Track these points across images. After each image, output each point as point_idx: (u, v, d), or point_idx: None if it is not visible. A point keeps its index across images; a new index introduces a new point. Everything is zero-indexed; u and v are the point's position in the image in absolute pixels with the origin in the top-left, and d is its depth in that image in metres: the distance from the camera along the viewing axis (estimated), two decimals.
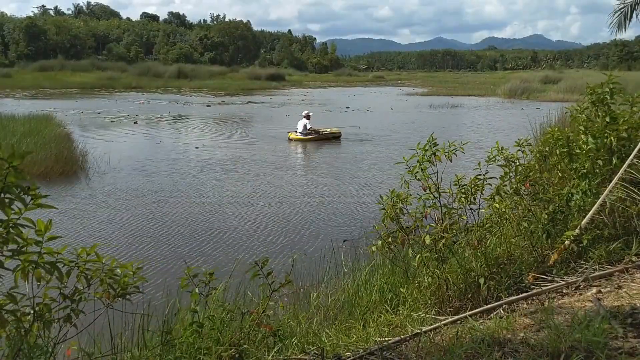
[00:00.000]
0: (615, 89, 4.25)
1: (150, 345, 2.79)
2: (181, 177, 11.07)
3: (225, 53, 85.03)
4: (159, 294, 4.81)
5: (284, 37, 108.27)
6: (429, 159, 3.73)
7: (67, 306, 2.32)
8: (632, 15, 7.91)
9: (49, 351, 2.32)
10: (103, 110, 25.52)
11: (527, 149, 4.38)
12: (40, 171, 10.14)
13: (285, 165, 12.86)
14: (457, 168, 4.12)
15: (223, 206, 8.82)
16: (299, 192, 9.85)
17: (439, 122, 21.72)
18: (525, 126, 12.90)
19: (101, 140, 16.13)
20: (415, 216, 3.82)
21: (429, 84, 58.56)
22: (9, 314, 2.08)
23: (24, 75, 49.51)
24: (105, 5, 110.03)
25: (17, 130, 12.64)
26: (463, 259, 3.55)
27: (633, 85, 20.34)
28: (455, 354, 2.36)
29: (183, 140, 16.69)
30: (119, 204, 8.83)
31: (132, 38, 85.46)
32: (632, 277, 3.30)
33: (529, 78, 44.96)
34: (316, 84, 62.02)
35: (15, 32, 71.81)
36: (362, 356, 2.62)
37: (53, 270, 2.04)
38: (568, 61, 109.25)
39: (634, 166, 3.99)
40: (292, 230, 7.51)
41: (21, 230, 1.92)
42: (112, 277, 2.39)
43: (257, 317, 2.85)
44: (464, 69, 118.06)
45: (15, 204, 1.88)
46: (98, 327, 2.94)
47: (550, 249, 3.84)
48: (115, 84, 45.15)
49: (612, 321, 2.53)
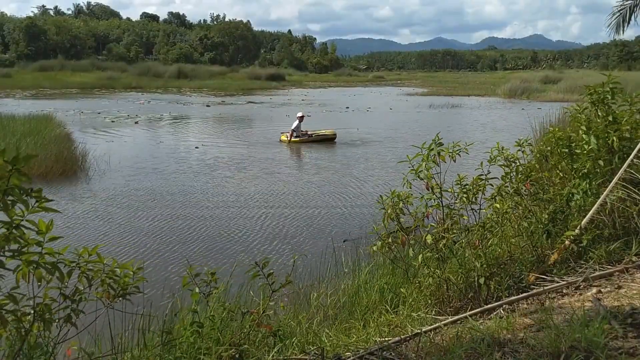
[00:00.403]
0: (615, 89, 4.25)
1: (150, 346, 2.80)
2: (181, 177, 11.06)
3: (225, 53, 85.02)
4: (159, 294, 4.81)
5: (284, 37, 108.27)
6: (434, 159, 3.73)
7: (67, 306, 2.33)
8: (630, 18, 7.87)
9: (49, 351, 2.33)
10: (103, 110, 25.52)
11: (528, 149, 4.38)
12: (40, 171, 10.14)
13: (285, 165, 12.86)
14: (458, 168, 4.11)
15: (223, 206, 8.81)
16: (298, 191, 9.85)
17: (439, 122, 21.72)
18: (526, 126, 12.91)
19: (101, 140, 16.13)
20: (416, 216, 3.82)
21: (429, 84, 58.56)
22: (10, 314, 2.08)
23: (24, 75, 49.51)
24: (105, 5, 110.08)
25: (17, 130, 12.63)
26: (463, 259, 3.55)
27: (633, 85, 20.33)
28: (455, 354, 2.36)
29: (183, 141, 16.69)
30: (119, 203, 8.82)
31: (132, 38, 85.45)
32: (632, 277, 3.30)
33: (529, 78, 44.95)
34: (316, 84, 62.01)
35: (15, 32, 71.80)
36: (362, 356, 2.62)
37: (54, 270, 2.05)
38: (568, 61, 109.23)
39: (634, 166, 3.99)
40: (292, 230, 7.51)
41: (23, 232, 1.92)
42: (113, 278, 2.39)
43: (257, 317, 2.85)
44: (464, 69, 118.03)
45: (18, 205, 1.88)
46: (98, 327, 2.94)
47: (551, 249, 3.84)
48: (115, 84, 45.14)
49: (612, 321, 2.53)
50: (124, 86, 44.82)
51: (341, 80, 71.65)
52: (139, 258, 6.03)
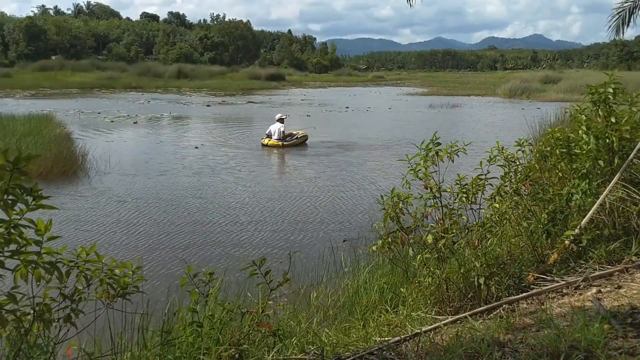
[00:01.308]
0: (618, 89, 4.24)
1: (150, 345, 2.79)
2: (181, 177, 11.06)
3: (225, 53, 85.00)
4: (159, 293, 4.81)
5: (284, 37, 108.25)
6: (432, 159, 3.73)
7: (67, 306, 2.33)
8: (630, 19, 7.82)
9: (49, 351, 2.32)
10: (103, 110, 25.51)
11: (528, 149, 4.38)
12: (40, 171, 10.14)
13: (285, 164, 12.86)
14: (459, 168, 4.12)
15: (222, 206, 8.81)
16: (298, 191, 9.84)
17: (440, 121, 21.71)
18: (526, 126, 12.90)
19: (101, 140, 16.13)
20: (415, 216, 3.82)
21: (429, 84, 58.53)
22: (9, 313, 2.07)
23: (24, 75, 49.47)
24: (105, 5, 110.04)
25: (17, 130, 12.63)
26: (463, 258, 3.55)
27: (633, 85, 20.32)
28: (455, 353, 2.36)
29: (183, 140, 16.68)
30: (119, 203, 8.82)
31: (132, 38, 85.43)
32: (632, 277, 3.30)
33: (529, 78, 44.92)
34: (316, 83, 62.00)
35: (15, 32, 71.78)
36: (362, 356, 2.62)
37: (53, 270, 2.04)
38: (568, 61, 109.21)
39: (634, 166, 3.99)
40: (292, 230, 7.50)
41: (22, 231, 1.92)
42: (112, 277, 2.39)
43: (257, 316, 2.85)
44: (464, 69, 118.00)
45: (19, 205, 1.88)
46: (98, 327, 2.94)
47: (550, 249, 3.84)
48: (115, 84, 45.09)
49: (612, 321, 2.53)
50: (124, 86, 44.78)
51: (341, 80, 71.60)
52: (138, 257, 6.02)
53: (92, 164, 11.62)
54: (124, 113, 24.54)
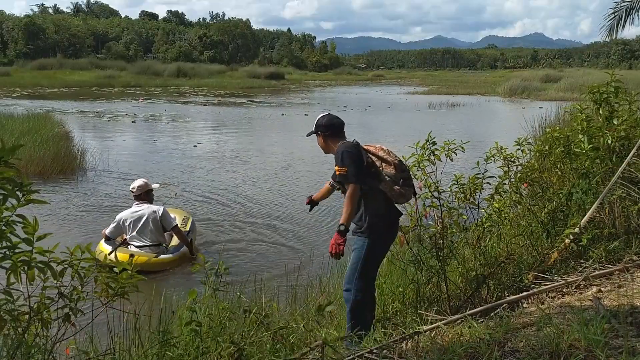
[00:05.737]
0: (620, 89, 4.23)
1: (149, 344, 2.79)
2: (180, 175, 11.05)
3: (225, 52, 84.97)
4: (158, 292, 4.80)
5: (284, 35, 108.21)
6: (428, 158, 3.71)
7: (65, 305, 2.31)
8: (626, 20, 7.74)
9: (47, 350, 2.31)
10: (102, 109, 25.48)
11: (527, 148, 4.37)
12: (38, 170, 10.12)
13: (284, 163, 12.84)
14: (459, 168, 4.11)
15: (222, 204, 8.80)
16: (298, 190, 9.83)
17: (440, 121, 21.70)
18: (526, 125, 12.88)
19: (100, 138, 16.10)
20: (414, 216, 3.81)
21: (429, 83, 58.50)
22: (6, 313, 2.06)
23: (23, 74, 49.37)
24: (104, 4, 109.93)
25: (15, 129, 12.59)
26: (463, 258, 3.55)
27: (634, 84, 20.31)
28: (455, 353, 2.35)
29: (182, 139, 16.66)
30: (117, 202, 8.80)
31: (131, 36, 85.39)
32: (632, 276, 3.29)
33: (530, 77, 44.88)
34: (316, 82, 61.93)
35: (14, 30, 71.68)
36: (362, 355, 2.61)
37: (46, 269, 2.02)
38: (568, 60, 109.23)
39: (634, 165, 3.98)
40: (292, 230, 7.49)
41: (14, 228, 1.89)
42: (111, 277, 2.38)
43: (257, 316, 2.84)
44: (464, 68, 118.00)
45: (10, 201, 1.84)
46: (99, 327, 2.93)
47: (550, 248, 3.83)
48: (114, 83, 44.98)
49: (612, 320, 2.52)
50: (123, 85, 44.66)
51: (341, 78, 71.56)
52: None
53: (90, 162, 11.60)
54: (123, 112, 24.50)
